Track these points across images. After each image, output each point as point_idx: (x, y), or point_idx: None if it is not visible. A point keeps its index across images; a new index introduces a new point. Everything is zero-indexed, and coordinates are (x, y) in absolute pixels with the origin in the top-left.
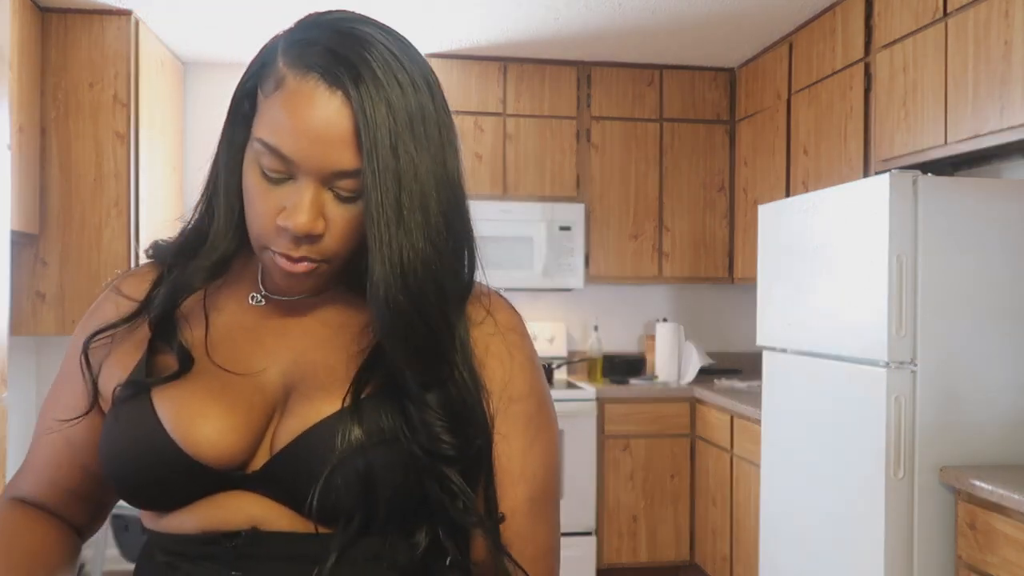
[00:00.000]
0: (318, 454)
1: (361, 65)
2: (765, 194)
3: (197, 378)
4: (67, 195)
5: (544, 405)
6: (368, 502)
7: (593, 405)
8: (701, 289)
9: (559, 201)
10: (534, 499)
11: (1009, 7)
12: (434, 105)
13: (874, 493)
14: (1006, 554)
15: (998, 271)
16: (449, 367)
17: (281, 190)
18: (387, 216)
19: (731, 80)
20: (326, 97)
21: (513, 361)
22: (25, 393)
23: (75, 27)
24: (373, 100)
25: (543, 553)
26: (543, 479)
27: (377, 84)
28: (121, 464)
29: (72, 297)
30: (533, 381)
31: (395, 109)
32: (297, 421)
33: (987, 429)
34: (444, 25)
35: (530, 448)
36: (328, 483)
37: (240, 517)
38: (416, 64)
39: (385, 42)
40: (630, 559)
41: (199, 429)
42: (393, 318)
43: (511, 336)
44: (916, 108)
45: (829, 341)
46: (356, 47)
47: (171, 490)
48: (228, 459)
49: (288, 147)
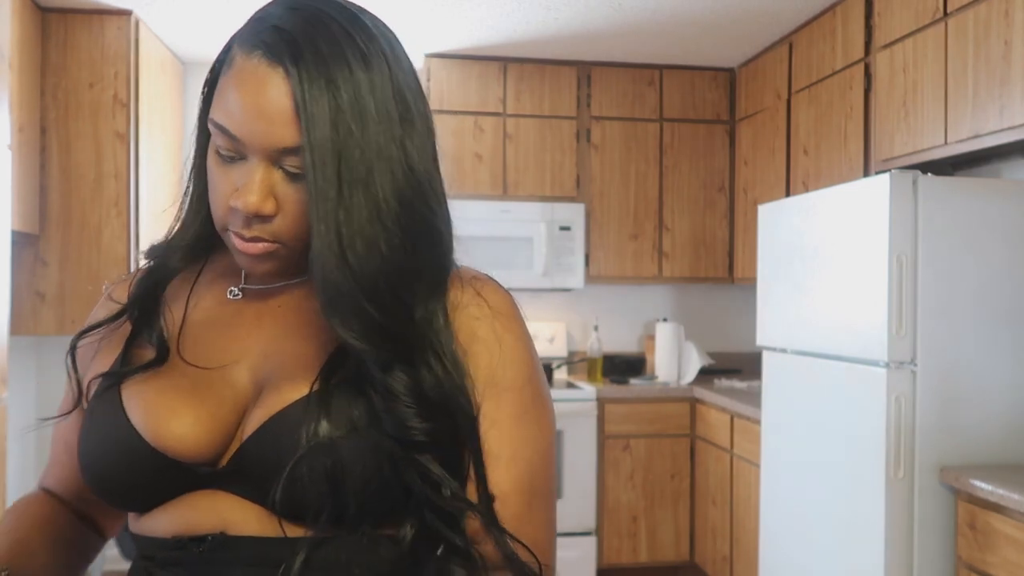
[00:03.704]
0: (282, 443)
1: (304, 41)
2: (765, 194)
3: (166, 374)
4: (67, 195)
5: (536, 389)
6: (337, 497)
7: (593, 405)
8: (701, 289)
9: (559, 201)
10: (528, 483)
11: (1009, 7)
12: (393, 85)
13: (874, 493)
14: (1006, 554)
15: (998, 271)
16: (417, 352)
17: (234, 170)
18: (324, 193)
19: (731, 80)
20: (268, 74)
21: (502, 345)
22: (25, 393)
23: (75, 27)
24: (311, 76)
25: (539, 537)
26: (537, 464)
27: (319, 59)
28: (92, 462)
29: (72, 297)
30: (523, 364)
31: (337, 85)
32: (263, 411)
33: (987, 429)
34: (444, 25)
35: (521, 433)
36: (293, 475)
37: (211, 519)
38: (374, 42)
39: (339, 18)
40: (630, 559)
41: (165, 423)
42: (330, 296)
43: (501, 319)
44: (916, 108)
45: (829, 341)
46: (302, 23)
47: (142, 488)
48: (195, 453)
49: (235, 126)
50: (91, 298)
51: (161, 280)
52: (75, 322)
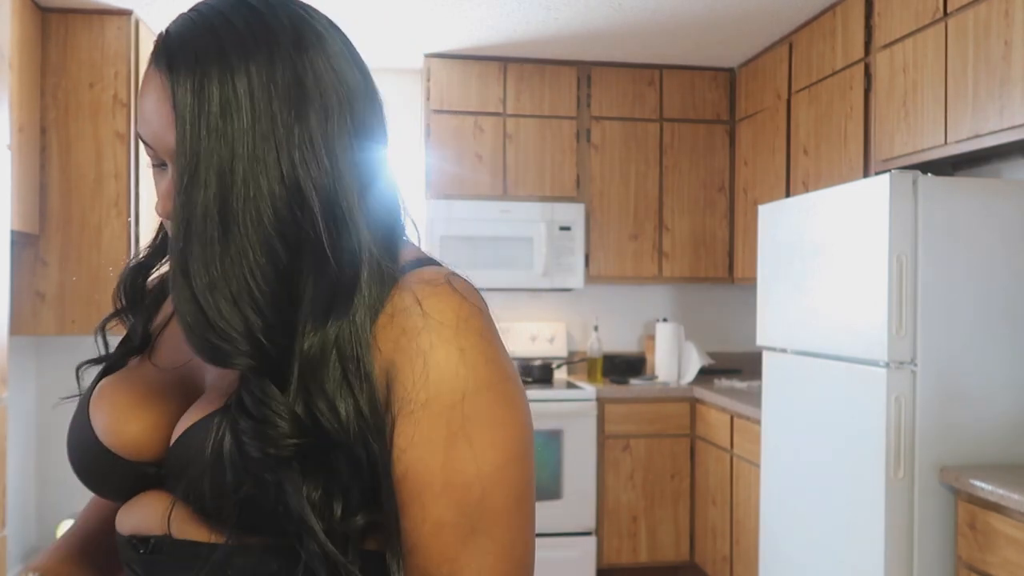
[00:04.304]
0: (193, 451)
1: (182, 43)
2: (765, 194)
3: (129, 376)
4: (67, 195)
5: (479, 405)
6: (240, 507)
7: (593, 405)
8: (701, 289)
9: (559, 201)
10: (466, 512)
11: (1009, 7)
12: (283, 79)
13: (874, 493)
14: (1006, 554)
15: (998, 271)
16: (308, 373)
17: (161, 178)
18: (184, 197)
19: (731, 80)
20: (152, 79)
21: (427, 359)
22: (25, 393)
23: (75, 27)
24: (182, 78)
25: (484, 570)
26: (479, 489)
27: (193, 60)
28: (70, 455)
29: (72, 297)
30: (455, 379)
31: (206, 86)
32: (188, 418)
33: (987, 429)
34: (444, 25)
35: (458, 454)
36: (194, 486)
37: (158, 519)
38: (267, 35)
39: (230, 15)
40: (630, 559)
41: (121, 423)
42: (186, 335)
43: (437, 331)
44: (916, 108)
45: (829, 341)
46: (187, 25)
47: (104, 484)
48: (140, 453)
49: (142, 130)
50: (91, 298)
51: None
52: (75, 322)
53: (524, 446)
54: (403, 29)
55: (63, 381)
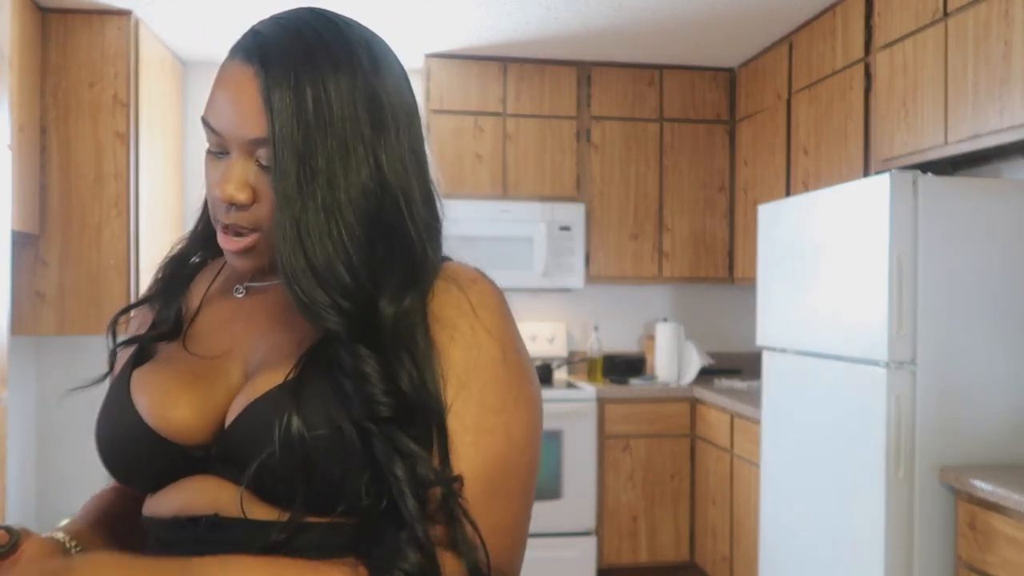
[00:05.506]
0: (256, 431)
1: (275, 44)
2: (765, 194)
3: (171, 363)
4: (67, 195)
5: (510, 382)
6: (310, 486)
7: (593, 405)
8: (701, 289)
9: (559, 201)
10: (490, 473)
11: (1009, 7)
12: (364, 91)
13: (874, 493)
14: (1006, 554)
15: (998, 271)
16: (389, 346)
17: (221, 163)
18: (284, 182)
19: (731, 80)
20: (241, 72)
21: (477, 341)
22: (25, 393)
23: (75, 27)
24: (278, 74)
25: (498, 527)
26: (503, 457)
27: (287, 60)
28: (103, 443)
29: (72, 297)
30: (493, 359)
31: (302, 84)
32: (243, 399)
33: (987, 429)
34: (444, 25)
35: (490, 423)
36: (266, 465)
37: (206, 501)
38: (350, 50)
39: (317, 26)
40: (630, 559)
41: (166, 409)
42: (289, 281)
43: (482, 315)
44: (916, 108)
45: (829, 341)
46: (278, 30)
47: (145, 469)
48: (189, 437)
49: (215, 121)
50: (91, 298)
51: (185, 262)
52: (75, 322)
53: (540, 426)
54: (403, 29)
55: (63, 381)
